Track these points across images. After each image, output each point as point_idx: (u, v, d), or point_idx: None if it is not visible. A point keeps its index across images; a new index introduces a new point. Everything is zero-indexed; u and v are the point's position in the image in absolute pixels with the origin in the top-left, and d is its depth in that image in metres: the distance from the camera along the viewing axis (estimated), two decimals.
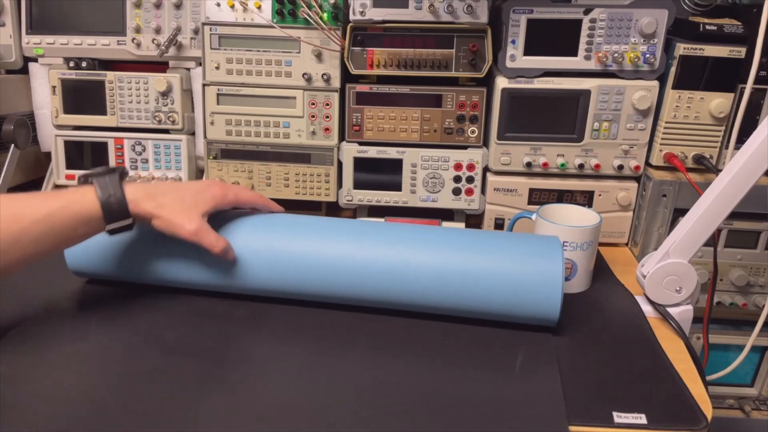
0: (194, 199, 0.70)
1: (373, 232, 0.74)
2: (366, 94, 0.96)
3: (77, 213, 0.63)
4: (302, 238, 0.73)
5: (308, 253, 0.72)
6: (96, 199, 0.64)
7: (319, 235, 0.73)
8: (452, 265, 0.69)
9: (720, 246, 0.96)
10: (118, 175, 0.66)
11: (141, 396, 0.58)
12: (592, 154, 0.94)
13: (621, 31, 0.89)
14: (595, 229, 0.80)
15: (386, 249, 0.71)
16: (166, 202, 0.68)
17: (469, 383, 0.62)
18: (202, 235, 0.69)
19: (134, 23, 0.99)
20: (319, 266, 0.71)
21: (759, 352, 1.07)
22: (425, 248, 0.71)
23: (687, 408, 0.60)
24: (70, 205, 0.63)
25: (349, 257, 0.71)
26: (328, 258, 0.71)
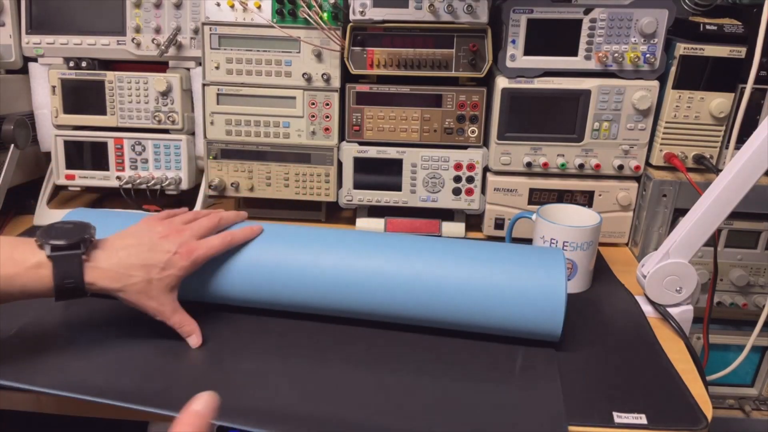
0: (160, 276, 0.64)
1: (374, 243, 0.72)
2: (366, 94, 0.96)
3: (24, 288, 0.58)
4: (301, 251, 0.71)
5: (308, 265, 0.70)
6: (50, 280, 0.58)
7: (317, 247, 0.71)
8: (455, 282, 0.67)
9: (720, 246, 0.96)
10: (80, 254, 0.60)
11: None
12: (592, 154, 0.94)
13: (621, 31, 0.89)
14: (595, 229, 0.80)
15: (389, 261, 0.69)
16: (131, 285, 0.62)
17: (469, 384, 0.62)
18: (170, 317, 0.65)
19: (134, 23, 0.99)
20: (319, 278, 0.69)
21: (759, 352, 1.07)
22: (430, 261, 0.69)
23: (687, 408, 0.60)
24: (18, 278, 0.57)
25: (351, 269, 0.69)
26: (328, 270, 0.69)
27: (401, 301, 0.68)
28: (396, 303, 0.68)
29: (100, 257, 0.62)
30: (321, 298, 0.70)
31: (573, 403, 0.59)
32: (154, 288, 0.63)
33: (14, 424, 0.85)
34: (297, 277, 0.70)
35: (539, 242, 0.83)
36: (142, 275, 0.63)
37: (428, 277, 0.68)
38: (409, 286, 0.68)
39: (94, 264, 0.61)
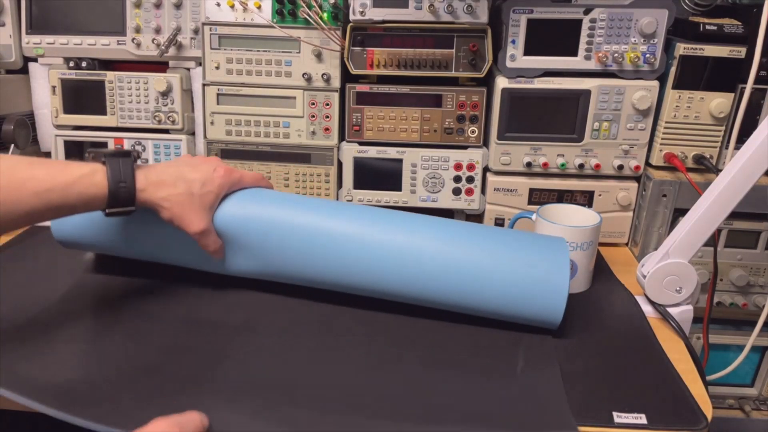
0: (201, 192, 0.69)
1: (382, 216, 0.74)
2: (366, 94, 0.96)
3: (81, 194, 0.61)
4: (308, 216, 0.72)
5: (314, 232, 0.71)
6: (105, 183, 0.62)
7: (324, 214, 0.73)
8: (460, 261, 0.69)
9: (720, 246, 0.96)
10: (131, 159, 0.64)
11: (141, 389, 0.59)
12: (592, 154, 0.94)
13: (621, 31, 0.89)
14: (595, 229, 0.80)
15: (395, 234, 0.70)
16: (175, 195, 0.67)
17: (471, 386, 0.62)
18: (205, 236, 0.70)
19: (134, 23, 0.99)
20: (323, 246, 0.71)
21: (759, 352, 1.07)
22: (435, 238, 0.70)
23: (687, 408, 0.60)
24: (76, 184, 0.60)
25: (357, 237, 0.70)
26: (333, 237, 0.71)
27: (407, 277, 0.69)
28: (401, 279, 0.69)
29: (148, 168, 0.67)
30: (322, 268, 0.71)
31: (573, 402, 0.59)
32: (195, 202, 0.68)
33: (14, 425, 0.85)
34: (303, 243, 0.71)
35: None
36: (184, 187, 0.67)
37: (432, 251, 0.69)
38: (415, 262, 0.69)
39: (144, 172, 0.66)
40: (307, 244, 0.71)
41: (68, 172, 0.61)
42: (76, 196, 0.61)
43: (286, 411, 0.57)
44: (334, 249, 0.71)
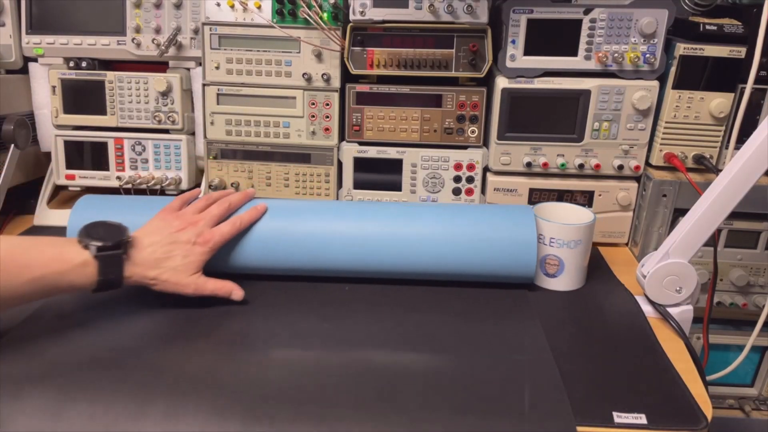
0: (185, 263, 0.72)
1: (366, 210, 0.84)
2: (366, 94, 0.96)
3: (72, 282, 0.65)
4: (302, 220, 0.81)
5: (308, 232, 0.80)
6: (95, 274, 0.66)
7: (316, 217, 0.82)
8: (440, 230, 0.80)
9: (720, 246, 0.96)
10: (121, 254, 0.68)
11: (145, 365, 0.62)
12: (592, 154, 0.94)
13: (621, 31, 0.89)
14: (582, 228, 0.80)
15: (381, 223, 0.81)
16: (161, 275, 0.71)
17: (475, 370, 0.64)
18: (203, 289, 0.74)
19: (134, 23, 0.99)
20: (319, 243, 0.80)
21: (759, 352, 1.07)
22: (417, 219, 0.81)
23: (687, 408, 0.60)
24: (68, 273, 0.65)
25: (348, 233, 0.80)
26: (327, 236, 0.80)
27: (398, 256, 0.79)
28: (395, 258, 0.79)
29: (134, 254, 0.70)
30: (321, 260, 0.80)
31: (573, 402, 0.59)
32: (181, 273, 0.72)
33: None
34: (298, 242, 0.80)
35: None
36: (168, 265, 0.71)
37: (417, 230, 0.80)
38: (403, 242, 0.79)
39: (131, 261, 0.69)
40: (315, 246, 0.80)
41: (62, 260, 0.65)
42: (67, 284, 0.65)
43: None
44: (339, 247, 0.79)
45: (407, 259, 0.79)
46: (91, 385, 0.60)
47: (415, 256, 0.79)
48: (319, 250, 0.80)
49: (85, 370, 0.62)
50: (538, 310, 0.77)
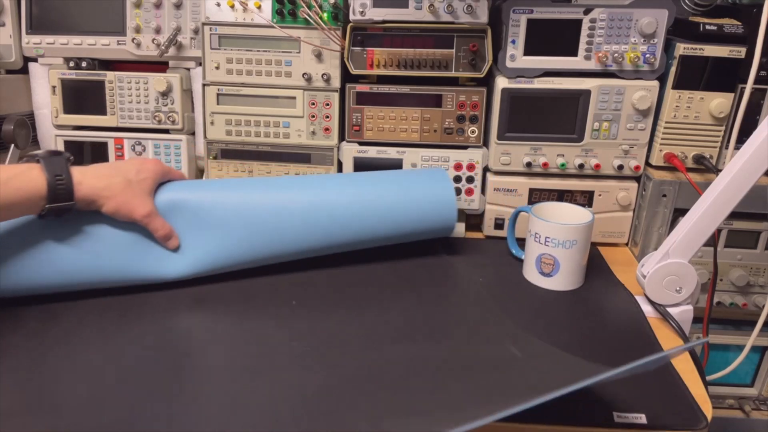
0: (138, 178, 0.72)
1: (290, 184, 0.83)
2: (366, 94, 0.96)
3: (19, 189, 0.63)
4: (242, 194, 0.80)
5: (253, 209, 0.79)
6: (43, 177, 0.64)
7: (256, 191, 0.81)
8: (365, 195, 0.82)
9: (720, 246, 0.96)
10: (64, 158, 0.67)
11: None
12: (592, 154, 0.94)
13: (621, 31, 0.89)
14: (578, 228, 0.80)
15: (301, 195, 0.81)
16: (115, 184, 0.69)
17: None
18: (153, 219, 0.72)
19: (134, 23, 0.99)
20: (264, 220, 0.79)
21: (759, 352, 1.07)
22: (343, 189, 0.83)
23: (687, 408, 0.60)
24: (13, 180, 0.63)
25: (273, 207, 0.79)
26: (249, 224, 0.78)
27: (327, 229, 0.80)
28: (323, 231, 0.80)
29: (82, 167, 0.69)
30: (246, 249, 0.78)
31: (573, 402, 0.59)
32: (134, 188, 0.71)
33: None
34: (219, 227, 0.77)
35: (529, 237, 0.84)
36: (121, 177, 0.70)
37: (337, 198, 0.81)
38: (324, 211, 0.80)
39: (80, 168, 0.68)
40: (249, 219, 0.78)
41: (5, 170, 0.63)
42: (13, 191, 0.62)
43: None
44: (276, 220, 0.79)
45: (337, 230, 0.80)
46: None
47: (342, 224, 0.81)
48: (245, 241, 0.78)
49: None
50: (537, 310, 0.77)
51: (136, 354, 0.64)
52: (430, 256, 0.91)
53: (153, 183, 0.74)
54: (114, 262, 0.73)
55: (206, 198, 0.78)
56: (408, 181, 0.87)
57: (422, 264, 0.88)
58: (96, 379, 0.60)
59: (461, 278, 0.85)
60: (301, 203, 0.80)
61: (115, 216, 0.71)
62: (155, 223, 0.73)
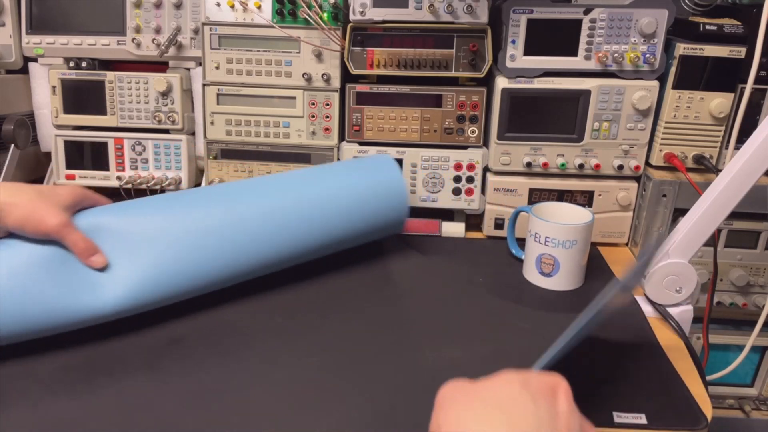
0: (51, 192, 0.63)
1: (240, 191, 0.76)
2: (366, 94, 0.96)
3: None
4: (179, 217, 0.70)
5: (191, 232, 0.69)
6: None
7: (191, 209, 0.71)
8: (308, 195, 0.76)
9: (720, 246, 0.96)
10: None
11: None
12: (592, 154, 0.94)
13: (621, 31, 0.89)
14: (578, 228, 0.80)
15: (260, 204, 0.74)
16: (21, 194, 0.60)
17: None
18: (68, 230, 0.61)
19: (134, 23, 0.99)
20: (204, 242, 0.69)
21: (759, 352, 1.07)
22: (283, 192, 0.76)
23: (687, 408, 0.60)
24: None
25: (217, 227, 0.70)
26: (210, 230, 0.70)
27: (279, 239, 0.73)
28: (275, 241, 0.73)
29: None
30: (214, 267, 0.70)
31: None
32: (45, 198, 0.61)
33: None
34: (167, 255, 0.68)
35: (529, 237, 0.84)
36: (31, 189, 0.62)
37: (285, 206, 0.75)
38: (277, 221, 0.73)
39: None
40: (182, 237, 0.69)
41: None
42: None
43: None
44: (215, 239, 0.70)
45: (283, 239, 0.74)
46: None
47: (288, 232, 0.74)
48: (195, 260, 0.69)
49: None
50: (537, 310, 0.77)
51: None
52: (430, 256, 0.91)
53: (70, 199, 0.64)
54: (35, 300, 0.60)
55: (133, 218, 0.69)
56: (353, 172, 0.82)
57: (422, 264, 0.88)
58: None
59: (461, 278, 0.85)
60: (239, 213, 0.72)
61: (23, 230, 0.60)
62: (72, 235, 0.61)
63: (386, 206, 0.81)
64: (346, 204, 0.78)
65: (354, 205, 0.78)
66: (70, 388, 0.59)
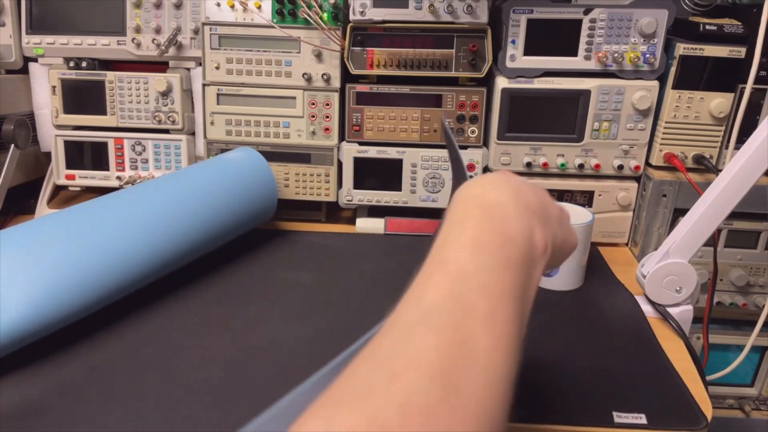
0: None
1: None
2: (366, 94, 0.96)
3: None
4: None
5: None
6: None
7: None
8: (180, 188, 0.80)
9: (720, 246, 0.96)
10: None
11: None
12: (592, 154, 0.94)
13: (621, 31, 0.89)
14: (578, 228, 0.80)
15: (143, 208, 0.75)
16: None
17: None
18: None
19: (134, 23, 0.99)
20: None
21: (759, 352, 1.07)
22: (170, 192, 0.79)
23: (687, 408, 0.60)
24: None
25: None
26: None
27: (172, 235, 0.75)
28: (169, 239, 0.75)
29: None
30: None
31: (573, 402, 0.59)
32: None
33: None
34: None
35: None
36: None
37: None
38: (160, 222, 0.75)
39: None
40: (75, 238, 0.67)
41: None
42: None
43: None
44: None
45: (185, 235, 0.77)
46: None
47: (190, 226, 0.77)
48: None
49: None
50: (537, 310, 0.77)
51: None
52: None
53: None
54: None
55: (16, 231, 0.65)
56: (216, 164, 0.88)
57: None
58: None
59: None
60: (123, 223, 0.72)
61: None
62: None
63: (255, 182, 0.89)
64: (217, 184, 0.84)
65: (223, 180, 0.85)
66: None
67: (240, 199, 0.86)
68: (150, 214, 0.75)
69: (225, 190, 0.84)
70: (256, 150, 0.93)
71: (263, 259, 0.89)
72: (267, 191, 0.91)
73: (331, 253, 0.92)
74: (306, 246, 0.94)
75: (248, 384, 0.60)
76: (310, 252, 0.92)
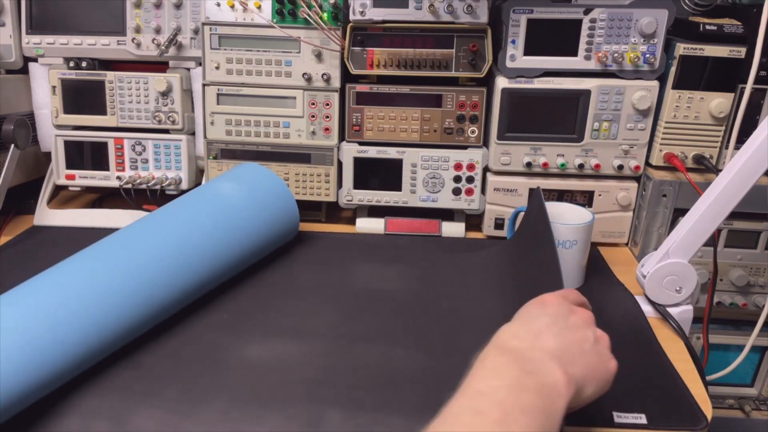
0: None
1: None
2: (366, 94, 0.96)
3: None
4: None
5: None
6: None
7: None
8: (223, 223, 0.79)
9: (720, 246, 0.96)
10: None
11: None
12: (592, 154, 0.94)
13: (621, 31, 0.89)
14: (578, 228, 0.80)
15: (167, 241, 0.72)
16: None
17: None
18: None
19: (134, 23, 0.99)
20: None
21: (759, 352, 1.07)
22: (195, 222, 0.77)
23: (687, 408, 0.60)
24: None
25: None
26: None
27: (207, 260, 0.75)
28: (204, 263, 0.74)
29: None
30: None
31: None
32: None
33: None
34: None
35: None
36: None
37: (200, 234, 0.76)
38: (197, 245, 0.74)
39: None
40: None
41: None
42: None
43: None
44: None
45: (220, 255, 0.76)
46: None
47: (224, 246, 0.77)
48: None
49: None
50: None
51: None
52: (429, 257, 0.91)
53: None
54: None
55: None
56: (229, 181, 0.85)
57: (422, 265, 0.89)
58: None
59: (461, 278, 0.85)
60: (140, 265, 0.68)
61: None
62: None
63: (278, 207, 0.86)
64: (239, 210, 0.81)
65: (245, 205, 0.82)
66: None
67: (270, 248, 0.87)
68: (186, 265, 0.72)
69: (259, 249, 0.84)
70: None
71: (283, 260, 0.90)
72: (292, 226, 0.90)
73: (331, 253, 0.92)
74: (306, 246, 0.95)
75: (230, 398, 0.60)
76: (310, 252, 0.93)
